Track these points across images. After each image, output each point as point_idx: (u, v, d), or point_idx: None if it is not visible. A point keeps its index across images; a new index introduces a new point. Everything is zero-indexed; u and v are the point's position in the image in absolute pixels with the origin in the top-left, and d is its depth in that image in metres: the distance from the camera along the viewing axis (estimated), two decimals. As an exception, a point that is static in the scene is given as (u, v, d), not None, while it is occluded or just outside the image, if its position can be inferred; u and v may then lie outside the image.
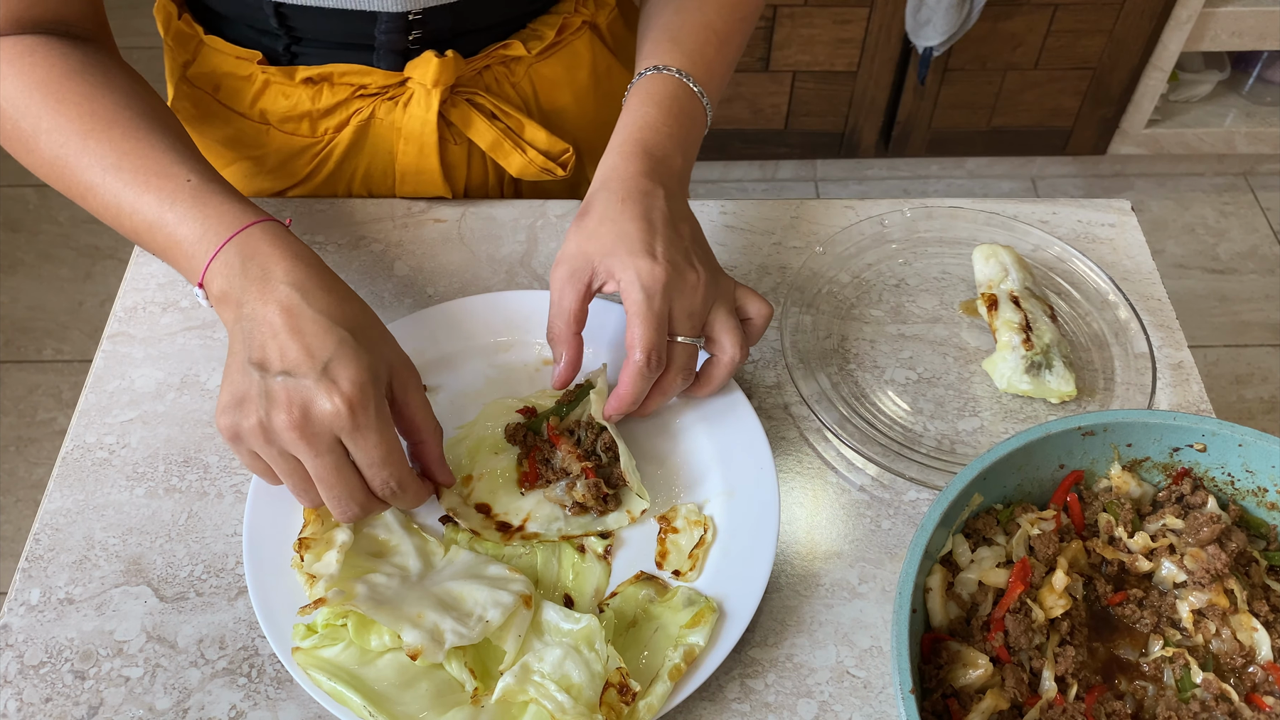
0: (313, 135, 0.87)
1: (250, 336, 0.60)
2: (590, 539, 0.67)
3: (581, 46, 0.90)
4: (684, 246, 0.67)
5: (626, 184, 0.68)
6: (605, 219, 0.67)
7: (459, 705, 0.58)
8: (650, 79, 0.74)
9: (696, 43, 0.76)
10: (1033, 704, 0.56)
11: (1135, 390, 0.75)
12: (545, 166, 0.86)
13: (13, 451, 1.89)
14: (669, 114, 0.72)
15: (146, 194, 0.65)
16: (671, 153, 0.71)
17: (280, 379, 0.59)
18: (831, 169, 2.35)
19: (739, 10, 0.80)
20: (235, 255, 0.63)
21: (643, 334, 0.64)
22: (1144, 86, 2.13)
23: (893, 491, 0.72)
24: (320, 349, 0.59)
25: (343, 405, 0.58)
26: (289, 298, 0.61)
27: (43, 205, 2.30)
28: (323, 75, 0.83)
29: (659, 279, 0.64)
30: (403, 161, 0.87)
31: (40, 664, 0.63)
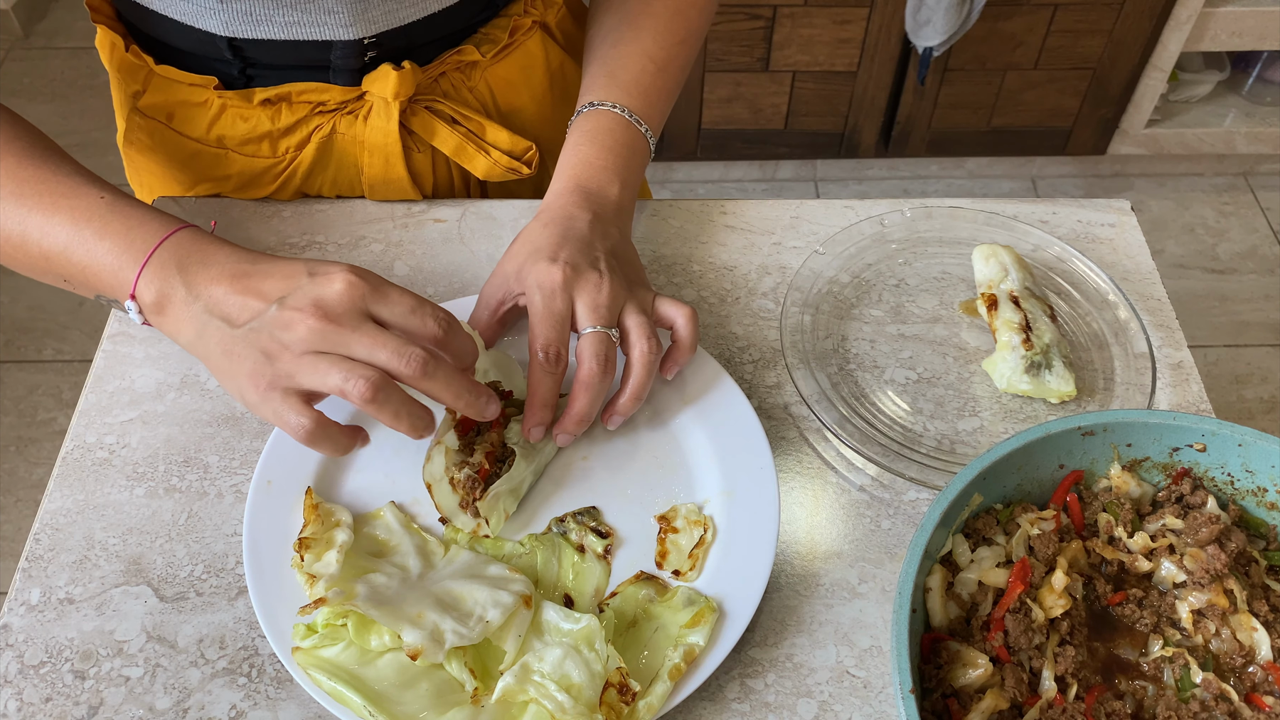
0: (274, 155, 0.86)
1: (222, 315, 0.60)
2: (590, 538, 0.67)
3: (534, 46, 0.90)
4: (592, 255, 0.68)
5: (552, 211, 0.72)
6: (524, 239, 0.70)
7: (459, 705, 0.58)
8: (587, 115, 0.77)
9: (633, 73, 0.79)
10: (1032, 704, 0.56)
11: (1135, 390, 0.75)
12: (510, 166, 0.86)
13: (13, 451, 1.89)
14: (604, 148, 0.75)
15: (56, 214, 0.63)
16: (607, 184, 0.74)
17: (274, 309, 0.58)
18: (831, 169, 2.35)
19: (676, 34, 0.81)
20: (169, 258, 0.61)
21: (539, 331, 0.66)
22: (1144, 86, 2.13)
23: (893, 491, 0.72)
24: (294, 268, 0.60)
25: (350, 276, 0.59)
26: (241, 266, 0.61)
27: (43, 205, 2.30)
28: (280, 95, 0.82)
29: (555, 279, 0.66)
30: (369, 173, 0.87)
31: (40, 664, 0.63)
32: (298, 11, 0.75)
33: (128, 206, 0.64)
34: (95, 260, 0.62)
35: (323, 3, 0.75)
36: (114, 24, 0.83)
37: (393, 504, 0.68)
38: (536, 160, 0.88)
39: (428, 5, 0.79)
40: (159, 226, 0.63)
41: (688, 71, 0.84)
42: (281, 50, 0.79)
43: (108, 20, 0.83)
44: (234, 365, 0.59)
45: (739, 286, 0.83)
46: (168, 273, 0.61)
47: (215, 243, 0.63)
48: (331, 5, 0.75)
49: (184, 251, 0.62)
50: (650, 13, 0.81)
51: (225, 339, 0.60)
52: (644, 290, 0.71)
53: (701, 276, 0.84)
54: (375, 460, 0.70)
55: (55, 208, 0.63)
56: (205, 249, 0.62)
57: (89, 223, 0.63)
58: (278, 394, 0.58)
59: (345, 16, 0.76)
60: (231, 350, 0.60)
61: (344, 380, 0.57)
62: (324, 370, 0.57)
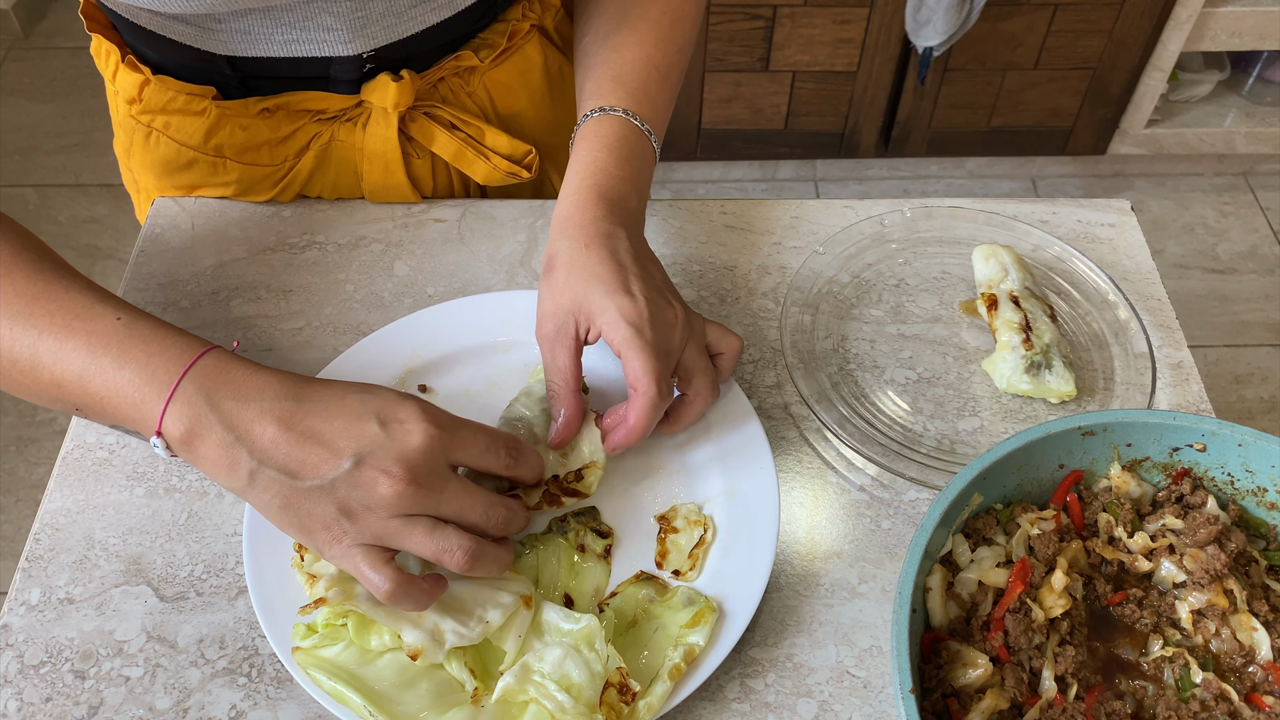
0: (273, 163, 0.85)
1: (279, 466, 0.55)
2: (590, 538, 0.67)
3: (532, 50, 0.90)
4: (657, 284, 0.67)
5: (586, 229, 0.67)
6: (573, 268, 0.65)
7: (459, 705, 0.58)
8: (598, 121, 0.74)
9: (639, 80, 0.76)
10: (1032, 704, 0.56)
11: (1135, 390, 0.75)
12: (510, 171, 0.86)
13: (13, 451, 1.89)
14: (620, 156, 0.72)
15: (71, 339, 0.57)
16: (627, 194, 0.71)
17: (349, 465, 0.54)
18: (831, 169, 2.35)
19: (675, 43, 0.80)
20: (195, 392, 0.56)
21: (646, 365, 0.62)
22: (1144, 86, 2.13)
23: (893, 491, 0.72)
24: (356, 411, 0.56)
25: (429, 428, 0.55)
26: (285, 408, 0.55)
27: (43, 205, 2.30)
28: (279, 104, 0.82)
29: (643, 312, 0.63)
30: (369, 180, 0.86)
31: (40, 664, 0.63)
32: (296, 30, 0.75)
33: (146, 329, 0.58)
34: (115, 391, 0.57)
35: (321, 21, 0.75)
36: (110, 33, 0.82)
37: (393, 504, 0.68)
38: (536, 164, 0.88)
39: (426, 19, 0.79)
40: (181, 352, 0.57)
41: (680, 86, 0.82)
42: (281, 66, 0.79)
43: (103, 29, 0.82)
44: (300, 519, 0.56)
45: (739, 286, 0.83)
46: (197, 407, 0.56)
47: (244, 369, 0.57)
48: (330, 23, 0.75)
49: (211, 382, 0.56)
50: (649, 18, 0.80)
51: (287, 492, 0.55)
52: (696, 316, 0.69)
53: (701, 276, 0.84)
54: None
55: (69, 330, 0.58)
56: (235, 379, 0.57)
57: (106, 350, 0.57)
58: (357, 550, 0.56)
59: (344, 34, 0.76)
60: (296, 505, 0.56)
61: (439, 551, 0.56)
62: (417, 539, 0.56)
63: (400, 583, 0.56)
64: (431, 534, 0.56)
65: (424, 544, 0.56)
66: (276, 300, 0.81)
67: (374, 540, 0.56)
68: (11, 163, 2.39)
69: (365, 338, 0.76)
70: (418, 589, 0.57)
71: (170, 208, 0.87)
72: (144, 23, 0.76)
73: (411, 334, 0.75)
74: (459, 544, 0.56)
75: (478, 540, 0.57)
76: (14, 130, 2.46)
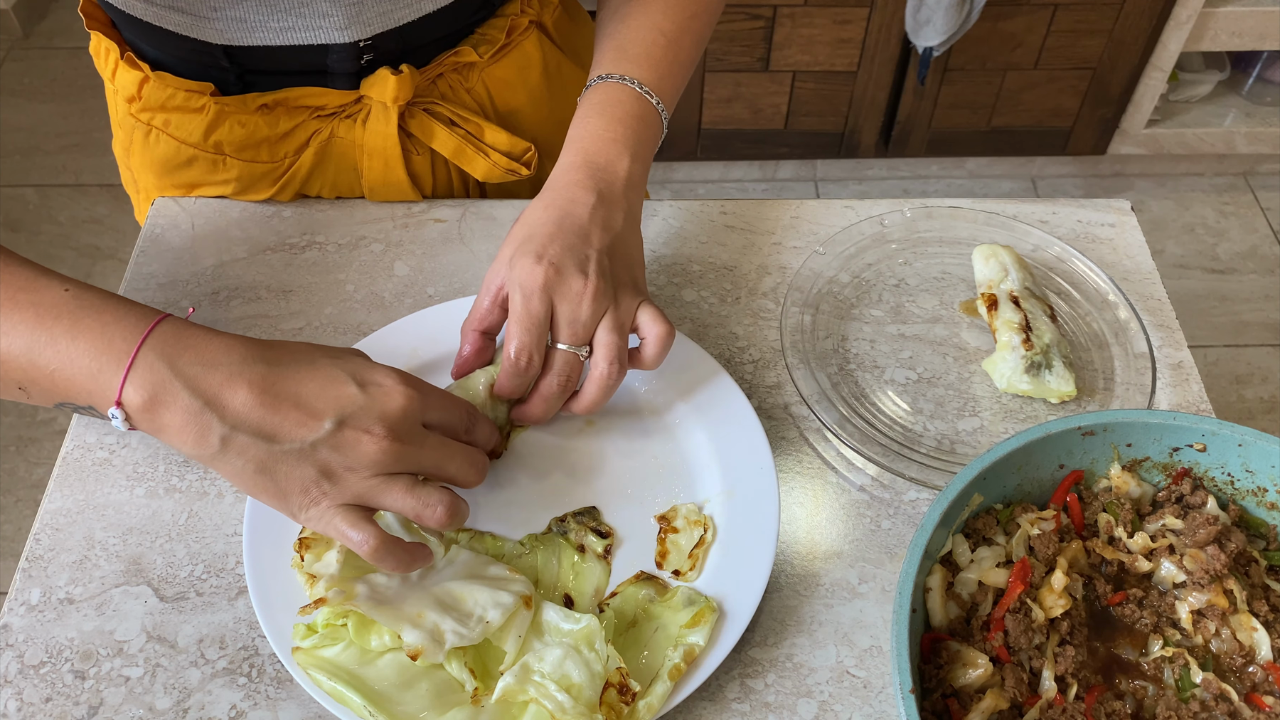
0: (272, 160, 0.85)
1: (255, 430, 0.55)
2: (590, 538, 0.67)
3: (530, 46, 0.90)
4: (583, 252, 0.66)
5: (556, 193, 0.69)
6: (522, 223, 0.68)
7: (459, 705, 0.58)
8: (595, 89, 0.75)
9: (642, 46, 0.76)
10: (1033, 704, 0.56)
11: (1135, 390, 0.75)
12: (509, 168, 0.86)
13: (13, 451, 1.89)
14: (613, 119, 0.72)
15: (16, 311, 0.55)
16: (616, 157, 0.71)
17: (329, 426, 0.55)
18: (831, 169, 2.35)
19: (687, 9, 0.79)
20: (156, 358, 0.54)
21: (515, 333, 0.65)
22: (1144, 86, 2.13)
23: (893, 491, 0.72)
24: (331, 374, 0.57)
25: (404, 388, 0.58)
26: (256, 370, 0.55)
27: (43, 205, 2.30)
28: (278, 100, 0.82)
29: (537, 280, 0.64)
30: (369, 177, 0.86)
31: (40, 664, 0.63)
32: (292, 16, 0.75)
33: (96, 298, 0.56)
34: (68, 363, 0.55)
35: (316, 6, 0.75)
36: (109, 30, 0.83)
37: (393, 504, 0.68)
38: (536, 161, 0.88)
39: (423, 5, 0.79)
40: (137, 320, 0.56)
41: (702, 47, 0.81)
42: (278, 56, 0.79)
43: (102, 27, 0.82)
44: (276, 483, 0.56)
45: (739, 286, 0.83)
46: (159, 374, 0.54)
47: (203, 334, 0.56)
48: (325, 9, 0.75)
49: (172, 348, 0.55)
50: None
51: (263, 456, 0.55)
52: (630, 296, 0.68)
53: (701, 276, 0.84)
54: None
55: (15, 303, 0.55)
56: (196, 344, 0.56)
57: (56, 320, 0.55)
58: (337, 511, 0.57)
59: (339, 19, 0.76)
60: (273, 469, 0.56)
61: (420, 507, 0.58)
62: (397, 495, 0.57)
63: (383, 539, 0.57)
64: (411, 491, 0.58)
65: (404, 501, 0.58)
66: (276, 300, 0.81)
67: (354, 500, 0.57)
68: (11, 163, 2.39)
69: (365, 338, 0.76)
70: (399, 547, 0.59)
71: (170, 208, 0.87)
72: (140, 14, 0.76)
73: (411, 334, 0.75)
74: (439, 499, 0.58)
75: (455, 495, 0.60)
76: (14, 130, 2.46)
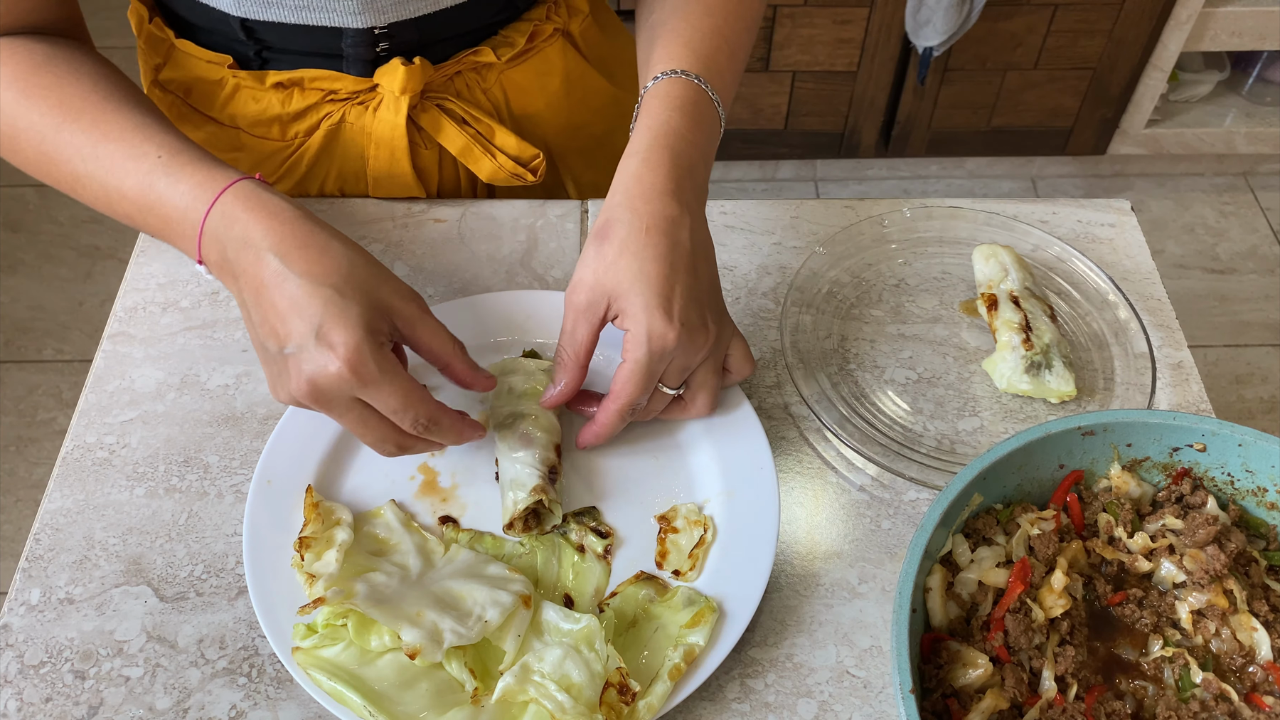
0: (283, 139, 0.86)
1: (252, 313, 0.62)
2: (590, 538, 0.67)
3: (554, 54, 0.90)
4: (700, 297, 0.65)
5: (652, 207, 0.65)
6: (626, 250, 0.64)
7: (459, 705, 0.58)
8: (670, 82, 0.71)
9: (710, 49, 0.73)
10: (1033, 704, 0.56)
11: (1135, 390, 0.75)
12: (515, 172, 0.86)
13: (13, 451, 1.89)
14: (692, 120, 0.69)
15: (126, 179, 0.65)
16: (696, 162, 0.68)
17: (288, 351, 0.60)
18: (831, 169, 2.35)
19: (744, 20, 0.77)
20: (220, 224, 0.63)
21: (631, 390, 0.65)
22: (1144, 86, 2.13)
23: (893, 491, 0.72)
24: (310, 314, 0.59)
25: (344, 368, 0.58)
26: (270, 266, 0.61)
27: (43, 205, 2.30)
28: (293, 80, 0.83)
29: (669, 343, 0.63)
30: (374, 166, 0.87)
31: (40, 664, 0.63)
32: None
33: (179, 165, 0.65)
34: (167, 226, 0.65)
35: None
36: None
37: (393, 502, 0.68)
38: (543, 169, 0.87)
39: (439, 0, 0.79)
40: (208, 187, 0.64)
41: (747, 61, 0.80)
42: (294, 35, 0.79)
43: None
44: (264, 362, 0.63)
45: (739, 286, 0.83)
46: (220, 242, 0.63)
47: (256, 211, 0.62)
48: None
49: (229, 220, 0.62)
50: None
51: (256, 339, 0.63)
52: (727, 331, 0.68)
53: (701, 276, 0.84)
54: (375, 459, 0.70)
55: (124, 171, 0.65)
56: (247, 224, 0.62)
57: (151, 188, 0.65)
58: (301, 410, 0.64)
59: (354, 4, 0.76)
60: (256, 345, 0.63)
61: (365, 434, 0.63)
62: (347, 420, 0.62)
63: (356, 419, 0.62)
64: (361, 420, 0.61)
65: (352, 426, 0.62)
66: (276, 300, 0.81)
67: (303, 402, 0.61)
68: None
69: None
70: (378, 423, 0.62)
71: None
72: None
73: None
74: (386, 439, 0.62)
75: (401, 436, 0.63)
76: (14, 130, 2.45)
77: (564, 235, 0.86)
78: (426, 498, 0.69)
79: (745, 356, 0.70)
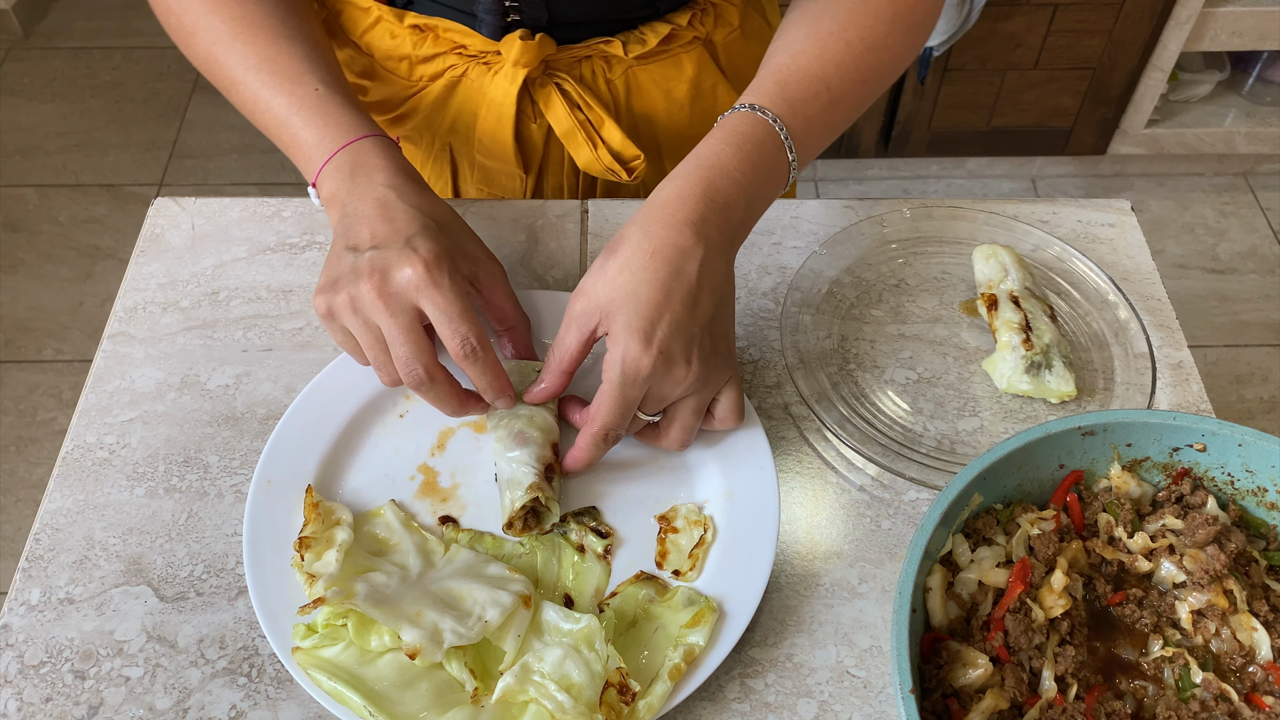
0: (408, 79, 0.90)
1: (349, 229, 0.67)
2: (590, 538, 0.67)
3: (687, 60, 0.89)
4: (689, 331, 0.63)
5: (666, 232, 0.63)
6: (626, 269, 0.63)
7: (459, 705, 0.58)
8: (741, 116, 0.69)
9: (804, 93, 0.70)
10: (1033, 704, 0.56)
11: (1135, 390, 0.75)
12: (611, 167, 0.87)
13: (13, 451, 1.89)
14: (746, 159, 0.67)
15: (279, 96, 0.72)
16: (735, 201, 0.66)
17: (369, 253, 0.64)
18: (831, 169, 2.35)
19: (859, 73, 0.73)
20: (346, 161, 0.69)
21: (605, 413, 0.64)
22: (1144, 86, 2.13)
23: (893, 491, 0.72)
24: (407, 228, 0.65)
25: (420, 267, 0.63)
26: (385, 194, 0.67)
27: (43, 205, 2.30)
28: (428, 26, 0.87)
29: (642, 369, 0.62)
30: (482, 126, 0.89)
31: (40, 664, 0.63)
32: None
33: (332, 103, 0.72)
34: (296, 145, 0.72)
35: None
36: None
37: (393, 502, 0.68)
38: (642, 171, 0.87)
39: None
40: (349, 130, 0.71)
41: (856, 117, 0.76)
42: None
43: None
44: (328, 270, 0.67)
45: (739, 286, 0.83)
46: (341, 176, 0.69)
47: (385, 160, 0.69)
48: None
49: (358, 160, 0.69)
50: (843, 40, 0.72)
51: (337, 250, 0.67)
52: (721, 374, 0.67)
53: (701, 276, 0.84)
54: (375, 459, 0.70)
55: (279, 89, 0.73)
56: (373, 167, 0.69)
57: (299, 112, 0.72)
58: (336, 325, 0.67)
59: None
60: (333, 254, 0.68)
61: (369, 355, 0.66)
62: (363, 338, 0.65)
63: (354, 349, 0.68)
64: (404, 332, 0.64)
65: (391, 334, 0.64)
66: (276, 300, 0.81)
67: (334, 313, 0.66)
68: (11, 163, 2.39)
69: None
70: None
71: (170, 208, 0.88)
72: None
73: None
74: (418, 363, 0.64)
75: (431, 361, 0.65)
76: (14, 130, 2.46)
77: (564, 235, 0.86)
78: (426, 498, 0.69)
79: (733, 408, 0.68)
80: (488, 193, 0.95)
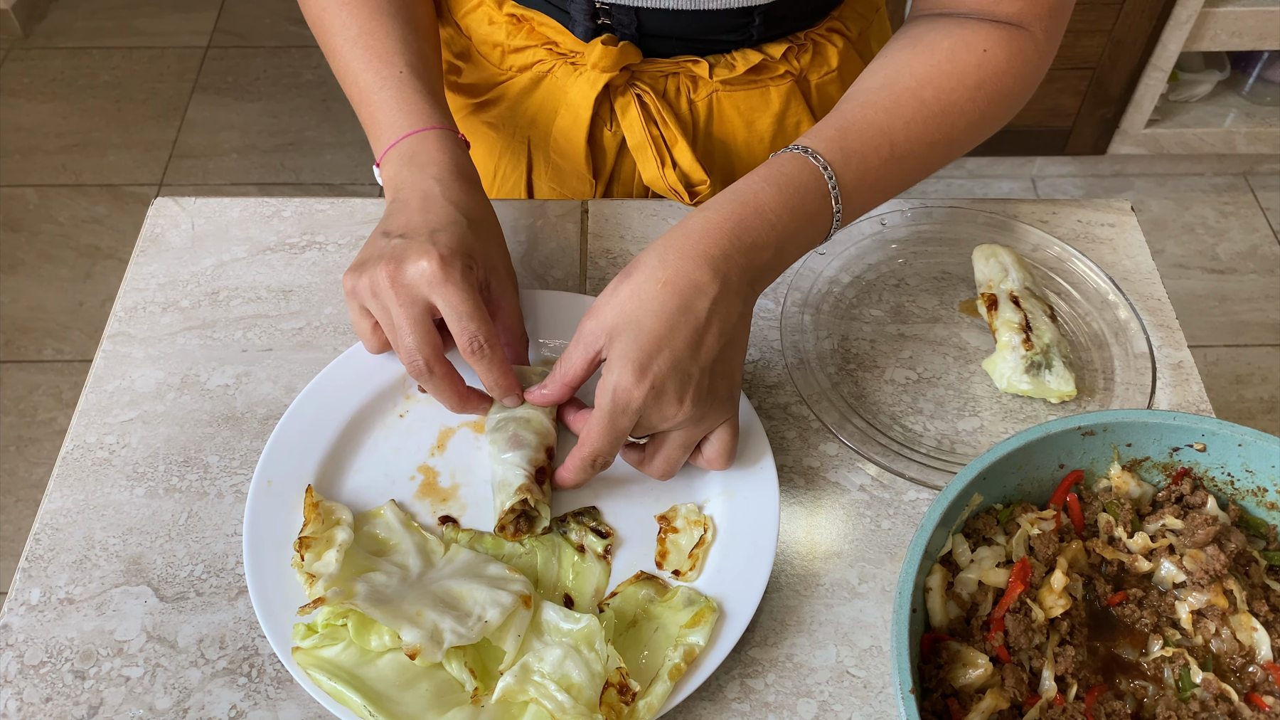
0: (499, 66, 0.91)
1: (392, 214, 0.69)
2: (590, 538, 0.67)
3: (776, 93, 0.88)
4: (687, 370, 0.61)
5: (683, 264, 0.62)
6: (636, 295, 0.62)
7: (459, 705, 0.58)
8: (791, 158, 0.67)
9: (863, 145, 0.68)
10: (1032, 704, 0.56)
11: (1135, 390, 0.75)
12: (675, 187, 0.87)
13: (13, 451, 1.89)
14: (785, 202, 0.65)
15: (367, 72, 0.75)
16: (764, 242, 0.64)
17: (396, 241, 0.66)
18: (831, 169, 2.35)
19: (929, 134, 0.70)
20: (408, 149, 0.71)
21: (595, 439, 0.63)
22: (1144, 86, 2.13)
23: (893, 491, 0.72)
24: (437, 221, 0.67)
25: (435, 262, 0.64)
26: (430, 187, 0.69)
27: (43, 205, 2.30)
28: (524, 17, 0.88)
29: (633, 401, 0.61)
30: (559, 125, 0.89)
31: (40, 664, 0.63)
32: None
33: (412, 89, 0.74)
34: (372, 122, 0.74)
35: None
36: None
37: (393, 502, 0.68)
38: (705, 198, 0.83)
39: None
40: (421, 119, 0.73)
41: (919, 179, 0.73)
42: None
43: None
44: (363, 251, 0.70)
45: (739, 286, 0.83)
46: (401, 161, 0.72)
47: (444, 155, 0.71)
48: None
49: (420, 149, 0.71)
50: (919, 98, 0.70)
51: (377, 233, 0.69)
52: (715, 416, 0.65)
53: (701, 276, 0.84)
54: (375, 459, 0.70)
55: (368, 64, 0.75)
56: (431, 159, 0.71)
57: (381, 90, 0.74)
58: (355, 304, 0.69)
59: None
60: (374, 235, 0.70)
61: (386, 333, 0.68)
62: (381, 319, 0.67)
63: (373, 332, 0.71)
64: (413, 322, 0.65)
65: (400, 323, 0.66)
66: (276, 300, 0.81)
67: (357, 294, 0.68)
68: (11, 163, 2.39)
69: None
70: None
71: (170, 207, 0.88)
72: None
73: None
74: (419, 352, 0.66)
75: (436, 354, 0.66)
76: (14, 130, 2.46)
77: (564, 235, 0.86)
78: (426, 498, 0.69)
79: (723, 451, 0.66)
80: (558, 192, 0.94)
